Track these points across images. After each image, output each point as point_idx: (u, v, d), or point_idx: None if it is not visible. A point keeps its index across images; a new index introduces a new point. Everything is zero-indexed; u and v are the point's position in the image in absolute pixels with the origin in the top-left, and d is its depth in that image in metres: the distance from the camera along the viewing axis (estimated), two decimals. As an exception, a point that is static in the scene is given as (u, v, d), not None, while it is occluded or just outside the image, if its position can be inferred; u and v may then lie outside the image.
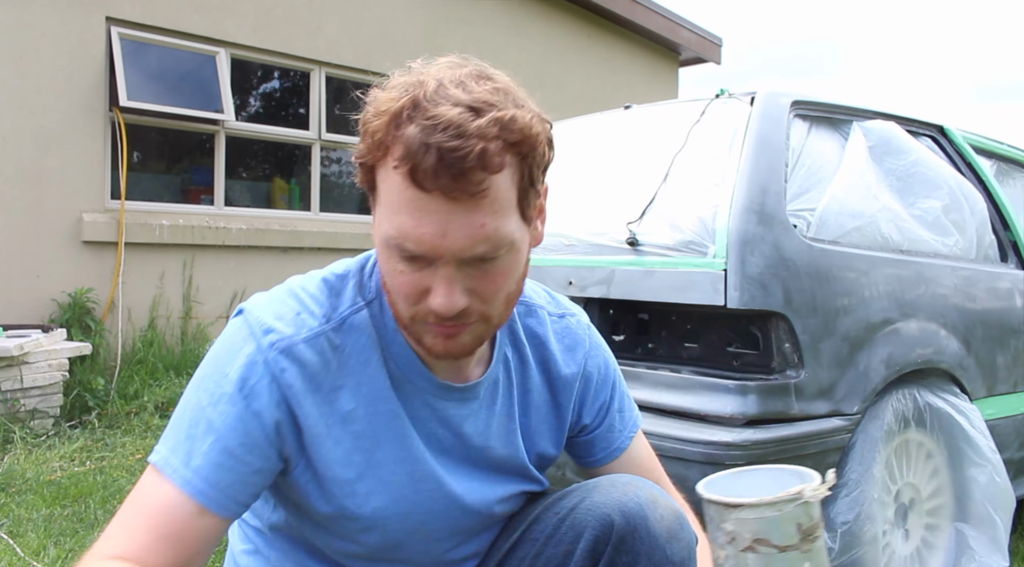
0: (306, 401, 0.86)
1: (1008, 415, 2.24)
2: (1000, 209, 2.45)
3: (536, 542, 1.05)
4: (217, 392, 0.84)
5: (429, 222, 0.76)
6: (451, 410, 0.96)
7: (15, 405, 3.52)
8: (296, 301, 0.90)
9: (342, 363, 0.89)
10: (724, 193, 1.79)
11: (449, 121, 0.74)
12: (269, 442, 0.86)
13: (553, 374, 1.06)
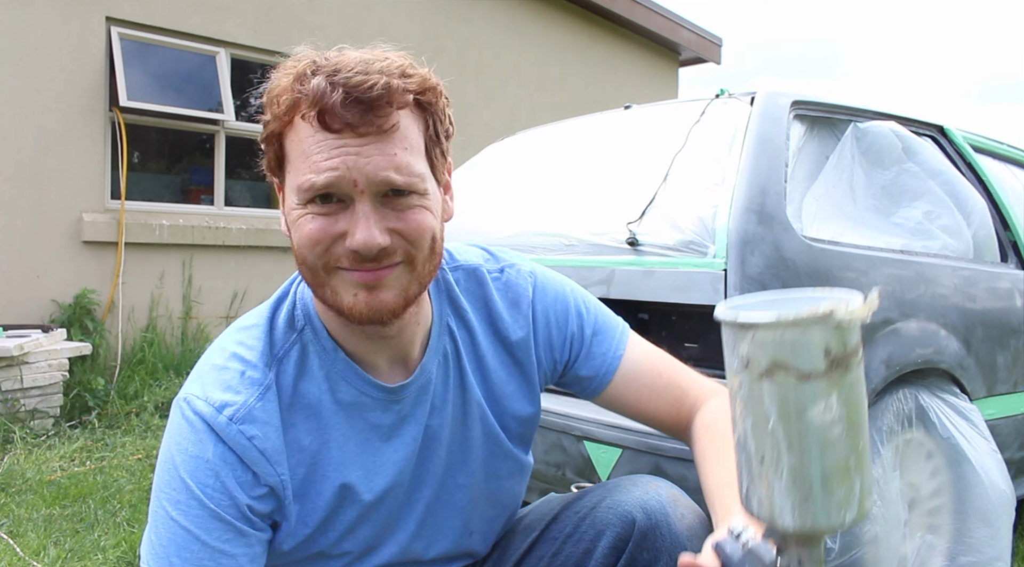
0: (281, 457, 0.86)
1: (1008, 415, 2.23)
2: (1000, 209, 2.45)
3: (555, 541, 1.05)
4: (195, 502, 0.83)
5: (340, 156, 0.78)
6: (407, 410, 0.94)
7: (15, 405, 3.52)
8: (235, 361, 0.88)
9: (293, 401, 0.88)
10: (724, 193, 1.79)
11: (351, 64, 0.78)
12: (259, 521, 0.86)
13: (503, 334, 1.03)
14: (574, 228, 2.06)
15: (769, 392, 0.64)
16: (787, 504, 0.65)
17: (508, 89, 6.81)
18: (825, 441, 0.64)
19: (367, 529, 0.94)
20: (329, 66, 0.79)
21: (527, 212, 2.30)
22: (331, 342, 0.91)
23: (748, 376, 0.65)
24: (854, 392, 0.65)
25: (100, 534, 2.42)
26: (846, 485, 0.65)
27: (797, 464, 0.64)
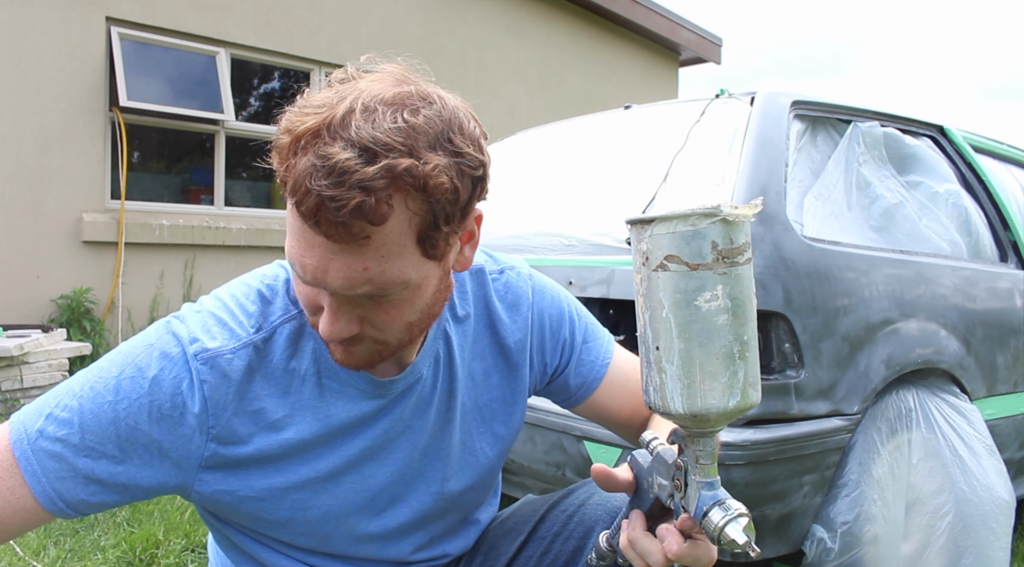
0: (227, 412, 0.85)
1: (1008, 415, 2.24)
2: (1000, 209, 2.45)
3: (544, 540, 1.04)
4: (127, 378, 0.82)
5: (313, 256, 0.75)
6: (388, 404, 0.94)
7: (15, 405, 3.52)
8: (226, 312, 0.88)
9: (269, 373, 0.87)
10: (724, 193, 1.79)
11: (333, 166, 0.70)
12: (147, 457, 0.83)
13: (501, 336, 1.03)
14: (574, 228, 2.06)
15: (664, 282, 0.71)
16: (677, 388, 0.71)
17: (508, 89, 6.81)
18: (711, 328, 0.70)
19: (309, 507, 0.93)
20: (319, 150, 0.72)
21: (527, 212, 2.30)
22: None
23: (647, 270, 0.72)
24: (741, 286, 0.72)
25: (100, 534, 2.42)
26: (730, 371, 0.71)
27: (685, 349, 0.71)
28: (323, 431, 0.90)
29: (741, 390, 0.72)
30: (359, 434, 0.92)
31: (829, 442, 1.71)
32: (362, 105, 0.73)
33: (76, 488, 0.81)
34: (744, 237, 0.72)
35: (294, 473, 0.90)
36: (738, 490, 1.60)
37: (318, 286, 0.77)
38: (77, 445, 0.80)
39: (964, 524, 1.91)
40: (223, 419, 0.84)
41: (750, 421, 1.65)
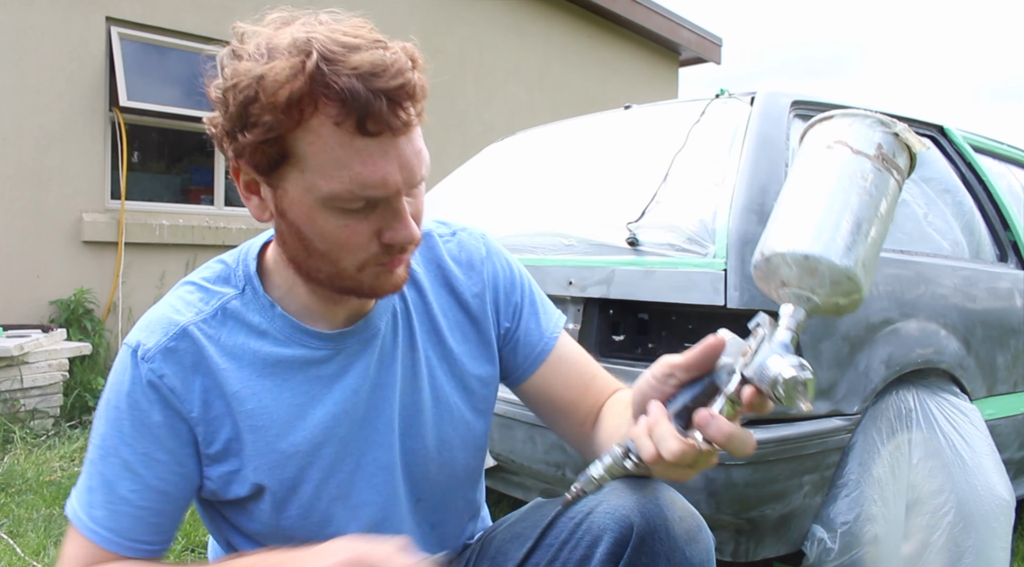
0: (193, 394, 0.88)
1: (1008, 415, 2.24)
2: (1000, 209, 2.45)
3: (551, 547, 1.02)
4: (116, 423, 0.88)
5: (386, 161, 0.78)
6: (349, 361, 0.94)
7: (15, 405, 3.52)
8: (166, 308, 0.91)
9: (221, 348, 0.89)
10: (724, 193, 1.79)
11: (375, 63, 0.75)
12: (179, 448, 0.89)
13: (458, 292, 1.05)
14: (574, 228, 2.06)
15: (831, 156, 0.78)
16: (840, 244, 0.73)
17: (508, 89, 6.81)
18: (854, 191, 0.75)
19: (299, 484, 0.93)
20: (348, 63, 0.74)
21: (527, 212, 2.30)
22: (268, 299, 0.92)
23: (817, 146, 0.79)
24: (887, 189, 0.77)
25: (100, 534, 2.42)
26: (854, 237, 0.74)
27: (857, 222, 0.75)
28: (290, 401, 0.91)
29: (856, 262, 0.74)
30: (327, 397, 0.93)
31: (829, 442, 1.71)
32: (321, 24, 0.78)
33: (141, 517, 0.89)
34: (903, 162, 0.79)
35: (276, 449, 0.91)
36: (738, 490, 1.60)
37: (393, 191, 0.79)
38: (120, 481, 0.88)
39: (964, 524, 1.91)
40: (193, 402, 0.88)
41: (750, 421, 1.65)
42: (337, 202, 0.79)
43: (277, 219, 0.85)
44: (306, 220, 0.82)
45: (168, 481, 0.88)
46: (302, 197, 0.80)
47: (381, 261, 0.84)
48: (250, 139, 0.77)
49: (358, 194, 0.78)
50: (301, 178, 0.79)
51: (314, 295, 0.92)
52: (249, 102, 0.76)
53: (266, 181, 0.82)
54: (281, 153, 0.78)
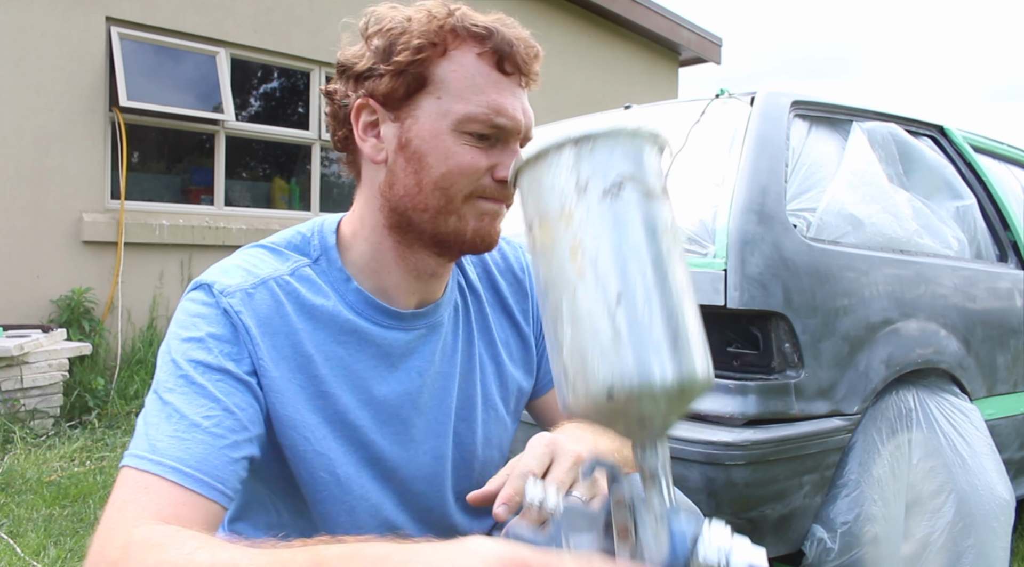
0: (264, 344, 0.86)
1: (1008, 415, 2.24)
2: (1000, 209, 2.45)
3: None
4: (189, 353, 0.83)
5: (514, 100, 0.87)
6: (417, 342, 0.95)
7: (15, 405, 3.52)
8: (238, 260, 0.92)
9: (298, 308, 0.89)
10: (724, 193, 1.79)
11: (514, 24, 0.89)
12: (247, 387, 0.84)
13: (506, 302, 1.07)
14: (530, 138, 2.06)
15: (617, 211, 0.55)
16: (662, 348, 0.53)
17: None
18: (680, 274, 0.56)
19: (364, 462, 0.93)
20: (492, 17, 0.87)
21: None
22: (344, 273, 0.92)
23: (587, 202, 0.55)
24: (676, 221, 0.59)
25: (100, 534, 2.42)
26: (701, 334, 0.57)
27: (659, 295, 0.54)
28: (360, 372, 0.91)
29: (709, 356, 0.57)
30: (392, 375, 0.94)
31: (829, 442, 1.71)
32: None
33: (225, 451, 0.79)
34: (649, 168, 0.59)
35: (344, 420, 0.91)
36: (738, 490, 1.60)
37: (515, 129, 0.87)
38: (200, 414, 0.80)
39: (964, 524, 1.91)
40: (261, 350, 0.86)
41: (750, 421, 1.65)
42: (470, 125, 0.85)
43: (395, 155, 0.88)
44: (433, 145, 0.86)
45: (245, 412, 0.81)
46: (434, 122, 0.86)
47: (487, 196, 0.89)
48: (393, 67, 0.85)
49: (491, 119, 0.85)
50: (437, 104, 0.86)
51: (399, 267, 0.93)
52: (397, 35, 0.86)
53: (394, 115, 0.88)
54: (421, 79, 0.86)
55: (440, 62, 0.86)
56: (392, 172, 0.89)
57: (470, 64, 0.85)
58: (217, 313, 0.85)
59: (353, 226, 0.94)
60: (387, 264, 0.93)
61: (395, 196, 0.89)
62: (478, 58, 0.86)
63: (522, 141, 0.90)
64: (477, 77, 0.85)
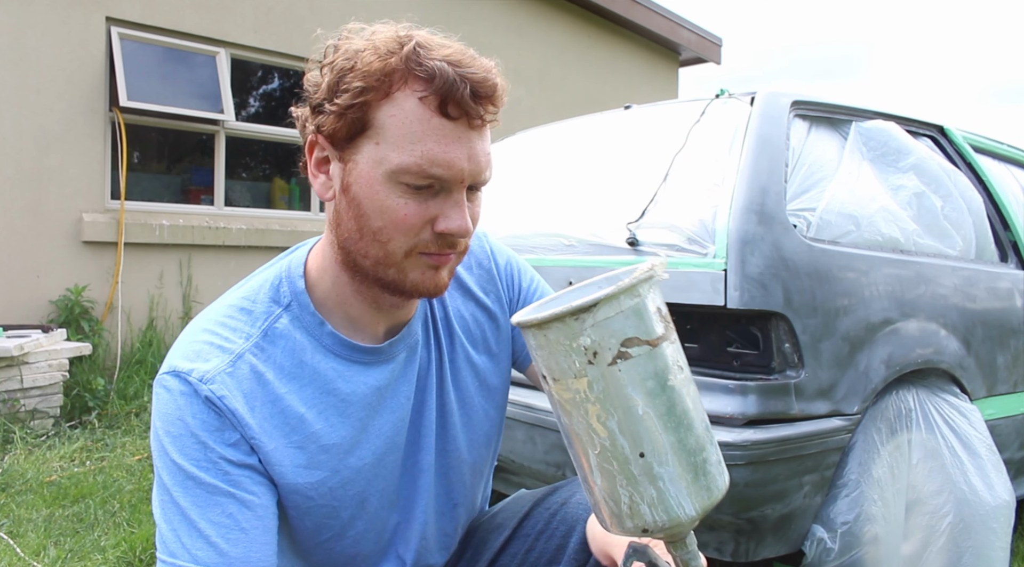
0: (253, 421, 0.85)
1: (1008, 415, 2.24)
2: (1000, 209, 2.45)
3: (528, 538, 1.05)
4: (186, 457, 0.83)
5: (458, 147, 0.82)
6: (399, 370, 0.95)
7: (15, 405, 3.52)
8: (210, 334, 0.88)
9: (279, 373, 0.88)
10: (724, 193, 1.79)
11: (470, 58, 0.82)
12: (251, 469, 0.85)
13: (473, 292, 1.07)
14: (574, 228, 2.06)
15: (629, 373, 0.58)
16: (682, 489, 0.60)
17: (508, 89, 6.81)
18: (692, 405, 0.61)
19: (368, 496, 0.94)
20: (441, 52, 0.81)
21: (527, 212, 2.30)
22: (317, 317, 0.91)
23: (599, 369, 0.58)
24: (678, 342, 0.62)
25: (100, 534, 2.42)
26: (713, 441, 0.62)
27: (676, 440, 0.59)
28: (354, 415, 0.91)
29: (723, 460, 0.63)
30: (384, 407, 0.94)
31: (829, 442, 1.71)
32: (416, 34, 0.84)
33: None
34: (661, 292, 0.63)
35: (348, 465, 0.91)
36: (738, 490, 1.60)
37: (458, 178, 0.82)
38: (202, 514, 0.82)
39: (964, 524, 1.91)
40: (252, 428, 0.85)
41: (750, 421, 1.65)
42: (403, 176, 0.81)
43: (339, 196, 0.86)
44: (368, 193, 0.83)
45: (260, 498, 0.84)
46: (371, 169, 0.83)
47: (429, 251, 0.85)
48: (337, 107, 0.82)
49: (425, 170, 0.81)
50: (375, 150, 0.82)
51: (358, 300, 0.91)
52: (345, 71, 0.82)
53: (339, 155, 0.85)
54: (362, 123, 0.82)
55: (381, 105, 0.81)
56: (338, 212, 0.87)
57: (410, 110, 0.81)
58: (198, 402, 0.83)
59: (317, 261, 0.94)
60: (348, 298, 0.92)
61: (341, 236, 0.87)
62: (420, 102, 0.80)
63: (473, 186, 0.86)
64: (416, 124, 0.81)
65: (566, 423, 0.62)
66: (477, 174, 0.84)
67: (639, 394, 0.59)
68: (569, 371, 0.59)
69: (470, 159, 0.83)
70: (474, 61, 0.83)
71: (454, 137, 0.81)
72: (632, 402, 0.59)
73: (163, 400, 0.85)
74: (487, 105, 0.83)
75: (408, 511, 0.99)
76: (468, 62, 0.82)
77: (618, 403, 0.59)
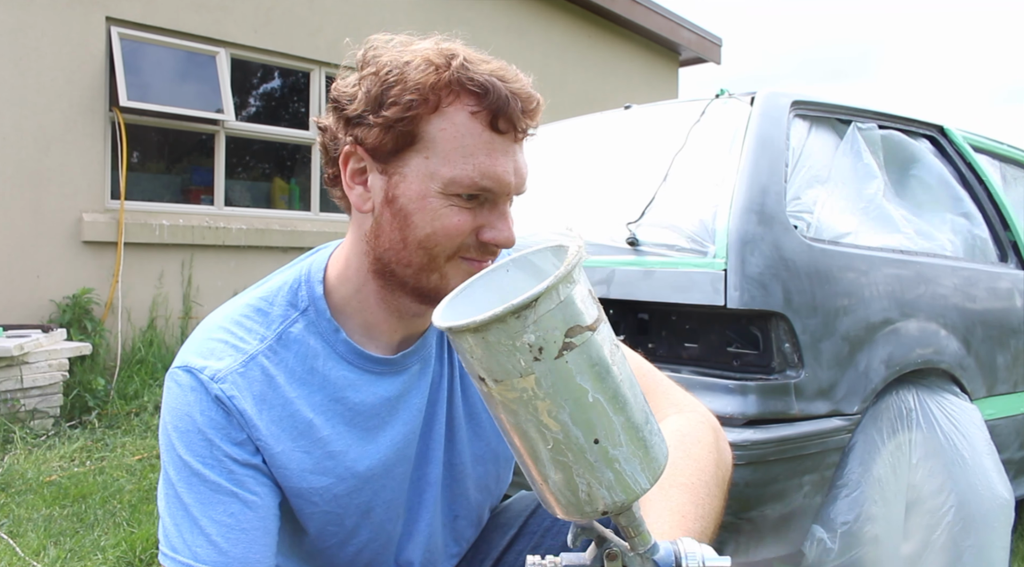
0: (261, 423, 0.86)
1: (1008, 415, 2.24)
2: (1000, 209, 2.45)
3: (535, 535, 1.05)
4: (193, 451, 0.84)
5: (505, 160, 0.84)
6: (412, 382, 0.96)
7: (15, 405, 3.52)
8: (225, 333, 0.89)
9: (290, 377, 0.89)
10: (724, 193, 1.79)
11: (513, 73, 0.84)
12: (257, 471, 0.86)
13: None
14: (574, 228, 2.06)
15: (576, 362, 0.58)
16: (636, 466, 0.61)
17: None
18: (629, 381, 0.61)
19: (373, 507, 0.95)
20: (483, 66, 0.83)
21: (527, 212, 2.30)
22: (332, 323, 0.91)
23: (546, 364, 0.57)
24: (606, 318, 0.62)
25: (100, 534, 2.42)
26: (649, 409, 0.64)
27: (626, 420, 0.60)
28: (363, 423, 0.91)
29: (661, 438, 0.64)
30: (395, 418, 0.94)
31: (829, 442, 1.71)
32: (460, 48, 0.85)
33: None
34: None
35: (355, 474, 0.91)
36: (738, 490, 1.60)
37: (505, 191, 0.85)
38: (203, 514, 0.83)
39: (964, 524, 1.91)
40: (259, 429, 0.86)
41: (750, 421, 1.65)
42: (455, 188, 0.82)
43: (381, 208, 0.86)
44: (419, 205, 0.84)
45: (262, 499, 0.85)
46: (421, 182, 0.83)
47: (470, 256, 0.87)
48: (383, 119, 0.82)
49: (477, 183, 0.82)
50: (424, 164, 0.83)
51: (381, 308, 0.92)
52: (391, 85, 0.81)
53: (382, 168, 0.85)
54: (410, 136, 0.82)
55: (431, 118, 0.82)
56: (378, 223, 0.87)
57: (461, 124, 0.82)
58: (207, 400, 0.84)
59: (339, 267, 0.93)
60: (370, 305, 0.92)
61: (380, 247, 0.87)
62: (471, 117, 0.82)
63: (513, 196, 0.89)
64: (467, 138, 0.82)
65: (510, 422, 0.61)
66: (520, 186, 0.87)
67: (587, 382, 0.59)
68: (514, 371, 0.58)
69: (516, 172, 0.86)
70: (518, 77, 0.85)
71: (502, 150, 0.84)
72: (582, 391, 0.59)
73: (173, 394, 0.86)
74: (531, 119, 0.85)
75: (413, 523, 1.00)
76: (513, 77, 0.84)
77: (568, 395, 0.58)
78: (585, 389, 0.58)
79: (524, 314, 0.56)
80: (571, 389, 0.58)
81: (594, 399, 0.59)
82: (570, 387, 0.58)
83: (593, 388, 0.59)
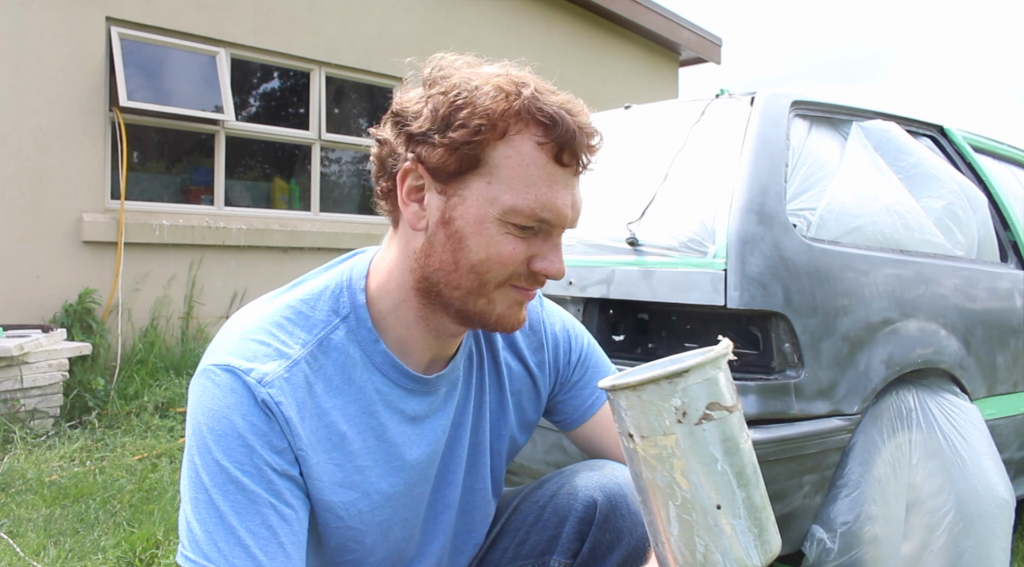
0: (303, 431, 0.85)
1: (1008, 415, 2.23)
2: (1000, 209, 2.45)
3: (519, 531, 1.06)
4: (234, 454, 0.81)
5: (565, 193, 0.85)
6: (439, 403, 0.96)
7: (15, 405, 3.52)
8: (267, 334, 0.87)
9: (327, 386, 0.88)
10: (724, 193, 1.79)
11: (580, 107, 0.85)
12: (292, 479, 0.85)
13: (519, 348, 1.07)
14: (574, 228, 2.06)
15: (712, 433, 0.69)
16: (750, 541, 0.69)
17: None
18: (755, 468, 0.71)
19: (392, 525, 0.95)
20: (552, 98, 0.83)
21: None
22: (372, 333, 0.91)
23: (686, 427, 0.68)
24: (743, 417, 0.73)
25: (100, 534, 2.42)
26: (770, 504, 0.72)
27: (747, 496, 0.69)
28: (391, 440, 0.91)
29: (774, 527, 0.72)
30: (421, 437, 0.94)
31: (829, 442, 1.71)
32: (529, 77, 0.86)
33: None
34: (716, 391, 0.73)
35: (379, 490, 0.91)
36: (738, 490, 1.60)
37: (561, 223, 0.85)
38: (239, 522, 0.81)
39: (964, 524, 1.91)
40: (301, 439, 0.84)
41: (750, 421, 1.65)
42: (513, 217, 0.83)
43: (436, 228, 0.85)
44: (476, 230, 0.83)
45: (296, 512, 0.84)
46: (480, 206, 0.83)
47: (520, 285, 0.87)
48: (449, 141, 0.81)
49: (537, 214, 0.83)
50: (486, 188, 0.83)
51: (418, 326, 0.91)
52: (459, 107, 0.81)
53: (441, 188, 0.84)
54: (474, 160, 0.82)
55: (497, 145, 0.82)
56: (431, 243, 0.86)
57: (527, 153, 0.82)
58: (251, 403, 0.82)
59: (380, 279, 0.92)
60: (408, 321, 0.91)
61: (430, 267, 0.86)
62: (537, 147, 0.82)
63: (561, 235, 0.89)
64: (532, 168, 0.82)
65: (648, 477, 0.71)
66: (575, 220, 0.88)
67: (718, 452, 0.69)
68: (659, 429, 0.69)
69: (573, 206, 0.86)
70: (583, 110, 0.85)
71: (563, 184, 0.84)
72: (712, 459, 0.69)
73: (211, 395, 0.83)
74: (592, 154, 0.86)
75: (426, 545, 1.00)
76: (579, 111, 0.85)
77: (701, 459, 0.68)
78: (716, 457, 0.68)
79: (675, 381, 0.68)
80: (704, 454, 0.68)
81: (722, 469, 0.69)
82: (703, 452, 0.68)
83: (723, 459, 0.69)
